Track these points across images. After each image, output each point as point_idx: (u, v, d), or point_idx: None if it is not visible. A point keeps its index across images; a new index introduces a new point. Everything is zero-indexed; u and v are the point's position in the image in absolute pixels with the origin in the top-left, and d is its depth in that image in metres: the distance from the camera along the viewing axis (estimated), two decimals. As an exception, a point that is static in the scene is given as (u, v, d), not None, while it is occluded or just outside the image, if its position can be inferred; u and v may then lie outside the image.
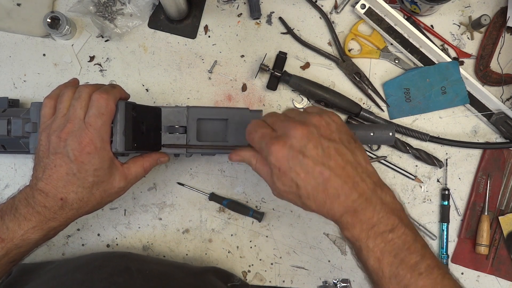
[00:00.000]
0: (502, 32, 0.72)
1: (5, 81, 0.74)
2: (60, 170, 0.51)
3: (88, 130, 0.51)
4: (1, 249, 0.50)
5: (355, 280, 0.72)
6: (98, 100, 0.52)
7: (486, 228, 0.71)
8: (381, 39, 0.73)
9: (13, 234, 0.50)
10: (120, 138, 0.54)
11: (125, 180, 0.56)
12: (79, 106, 0.52)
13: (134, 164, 0.58)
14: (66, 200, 0.52)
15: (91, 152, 0.51)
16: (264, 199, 0.73)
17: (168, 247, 0.73)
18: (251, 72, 0.74)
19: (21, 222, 0.50)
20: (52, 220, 0.52)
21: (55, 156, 0.51)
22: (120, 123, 0.54)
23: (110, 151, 0.53)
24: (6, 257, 0.51)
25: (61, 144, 0.51)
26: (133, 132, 0.56)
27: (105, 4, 0.72)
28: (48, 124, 0.53)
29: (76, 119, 0.51)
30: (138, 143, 0.56)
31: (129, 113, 0.55)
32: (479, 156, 0.73)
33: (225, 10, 0.74)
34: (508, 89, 0.73)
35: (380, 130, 0.66)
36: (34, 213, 0.51)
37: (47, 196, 0.51)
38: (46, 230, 0.52)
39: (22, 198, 0.52)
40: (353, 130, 0.66)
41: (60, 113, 0.53)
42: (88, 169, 0.51)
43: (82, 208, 0.53)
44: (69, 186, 0.51)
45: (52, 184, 0.51)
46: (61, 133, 0.51)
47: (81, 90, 0.53)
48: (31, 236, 0.51)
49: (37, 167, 0.53)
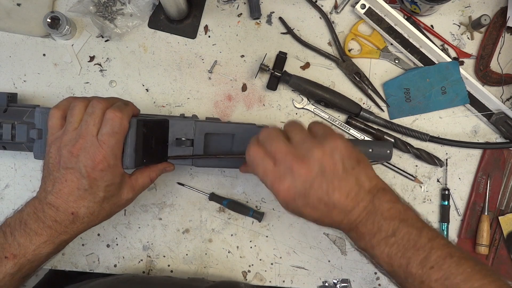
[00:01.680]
0: (502, 32, 0.72)
1: (5, 81, 0.74)
2: (71, 185, 0.51)
3: (102, 148, 0.51)
4: (14, 265, 0.50)
5: (355, 280, 0.72)
6: (113, 119, 0.51)
7: (486, 228, 0.71)
8: (381, 39, 0.73)
9: (25, 250, 0.50)
10: (131, 156, 0.54)
11: (133, 192, 0.57)
12: (92, 122, 0.51)
13: (141, 175, 0.58)
14: (77, 214, 0.52)
15: (104, 169, 0.51)
16: (264, 199, 0.73)
17: (168, 247, 0.73)
18: (251, 72, 0.74)
19: (32, 237, 0.50)
20: (63, 234, 0.52)
21: (66, 171, 0.51)
22: (131, 140, 0.54)
23: (122, 167, 0.54)
24: (19, 272, 0.51)
25: (72, 160, 0.51)
26: (143, 148, 0.56)
27: (105, 4, 0.72)
28: (58, 136, 0.53)
29: (89, 135, 0.51)
30: (147, 159, 0.57)
31: (141, 130, 0.55)
32: (479, 156, 0.73)
33: (225, 10, 0.74)
34: (508, 89, 0.73)
35: (379, 147, 0.68)
36: (45, 227, 0.51)
37: (57, 210, 0.51)
38: (58, 243, 0.52)
39: (31, 212, 0.52)
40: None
41: (71, 126, 0.52)
42: (100, 185, 0.52)
43: (92, 221, 0.54)
44: (80, 201, 0.52)
45: (63, 199, 0.51)
46: (73, 148, 0.51)
47: (94, 106, 0.52)
48: (43, 250, 0.51)
49: (46, 180, 0.53)
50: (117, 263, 0.73)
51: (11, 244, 0.50)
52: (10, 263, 0.50)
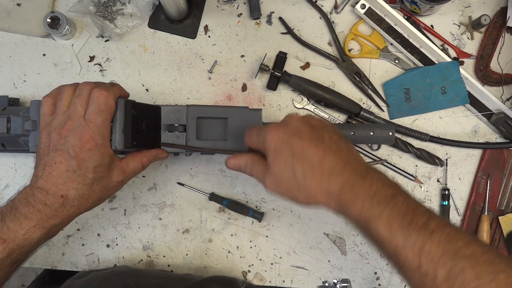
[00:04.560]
0: (502, 32, 0.72)
1: (5, 81, 0.74)
2: (60, 167, 0.51)
3: (89, 127, 0.51)
4: (4, 250, 0.50)
5: (355, 280, 0.72)
6: (98, 97, 0.52)
7: (486, 228, 0.71)
8: (381, 39, 0.73)
9: (14, 234, 0.50)
10: (120, 136, 0.54)
11: (123, 175, 0.56)
12: (79, 103, 0.52)
13: (132, 159, 0.58)
14: (66, 197, 0.51)
15: (91, 148, 0.51)
16: (264, 199, 0.73)
17: (168, 247, 0.73)
18: (251, 72, 0.74)
19: (22, 222, 0.50)
20: (53, 218, 0.52)
21: (55, 153, 0.51)
22: (119, 120, 0.54)
23: (110, 148, 0.54)
24: (9, 258, 0.50)
25: (61, 141, 0.51)
26: (132, 130, 0.56)
27: (105, 4, 0.72)
28: (48, 121, 0.53)
29: (77, 116, 0.51)
30: (137, 141, 0.57)
31: (129, 111, 0.55)
32: (479, 156, 0.73)
33: (225, 10, 0.74)
34: (508, 89, 0.73)
35: (380, 129, 0.67)
36: (34, 211, 0.51)
37: (47, 193, 0.51)
38: (48, 228, 0.52)
39: (22, 198, 0.52)
40: (353, 129, 0.66)
41: (60, 110, 0.53)
42: (89, 166, 0.51)
43: (83, 205, 0.53)
44: (69, 183, 0.51)
45: (52, 182, 0.51)
46: (62, 130, 0.51)
47: (81, 88, 0.53)
48: (33, 235, 0.51)
49: (38, 166, 0.53)
50: (117, 263, 0.73)
51: (0, 229, 0.50)
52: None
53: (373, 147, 0.73)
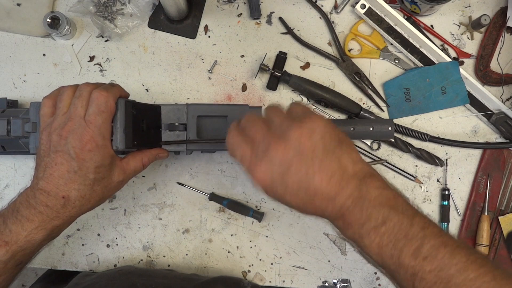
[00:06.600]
0: (502, 32, 0.72)
1: (5, 81, 0.74)
2: (61, 168, 0.51)
3: (89, 128, 0.51)
4: (6, 252, 0.50)
5: (355, 280, 0.72)
6: (98, 98, 0.52)
7: (486, 228, 0.71)
8: (381, 39, 0.73)
9: (17, 237, 0.50)
10: (121, 136, 0.54)
11: (124, 174, 0.56)
12: (79, 104, 0.52)
13: (133, 159, 0.58)
14: (68, 198, 0.51)
15: (92, 149, 0.51)
16: (264, 199, 0.73)
17: (168, 247, 0.73)
18: (251, 72, 0.74)
19: (24, 224, 0.50)
20: (55, 219, 0.52)
21: (56, 154, 0.51)
22: (120, 121, 0.54)
23: (111, 149, 0.54)
24: (12, 260, 0.50)
25: (62, 142, 0.51)
26: (133, 130, 0.56)
27: (105, 4, 0.72)
28: (49, 123, 0.53)
29: (77, 117, 0.51)
30: (138, 141, 0.57)
31: (129, 111, 0.55)
32: (479, 156, 0.73)
33: (225, 10, 0.74)
34: (508, 89, 0.73)
35: (379, 124, 0.67)
36: (36, 213, 0.51)
37: (48, 195, 0.51)
38: (50, 229, 0.52)
39: (23, 200, 0.52)
40: (352, 125, 0.66)
41: (60, 111, 0.53)
42: (89, 167, 0.52)
43: (84, 205, 0.53)
44: (70, 184, 0.51)
45: (53, 183, 0.51)
46: (62, 131, 0.51)
47: (81, 89, 0.53)
48: (35, 236, 0.51)
49: (38, 167, 0.53)
50: (117, 263, 0.73)
51: (2, 232, 0.50)
52: (2, 250, 0.50)
53: (373, 147, 0.73)
